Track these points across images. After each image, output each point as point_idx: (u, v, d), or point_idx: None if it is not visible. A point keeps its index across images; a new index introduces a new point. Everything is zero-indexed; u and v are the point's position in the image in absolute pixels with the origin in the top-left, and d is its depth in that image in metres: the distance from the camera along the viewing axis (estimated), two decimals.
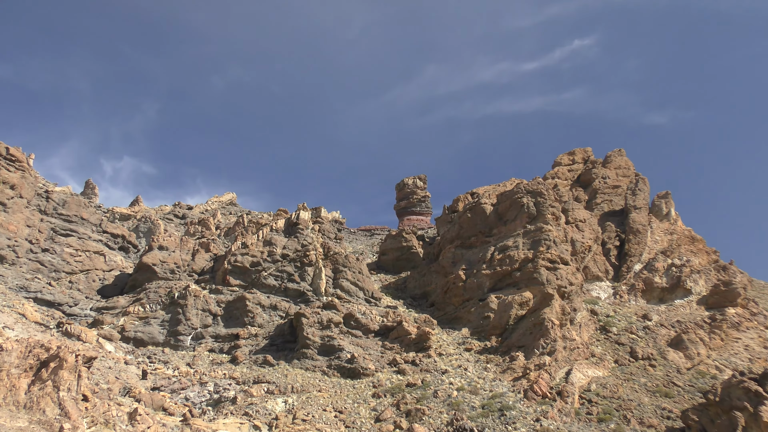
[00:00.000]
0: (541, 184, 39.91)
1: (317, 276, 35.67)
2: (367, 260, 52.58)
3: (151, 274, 36.18)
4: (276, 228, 39.27)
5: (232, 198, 72.29)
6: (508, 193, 40.39)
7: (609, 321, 35.05)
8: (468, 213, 41.58)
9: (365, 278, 37.48)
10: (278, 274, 35.74)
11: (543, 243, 35.90)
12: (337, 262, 37.14)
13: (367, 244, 62.83)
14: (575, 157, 56.66)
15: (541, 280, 33.84)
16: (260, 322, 32.81)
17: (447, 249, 41.10)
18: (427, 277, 42.26)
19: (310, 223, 40.73)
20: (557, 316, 30.51)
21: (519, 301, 32.37)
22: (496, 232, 39.21)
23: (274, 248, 37.04)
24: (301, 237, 38.43)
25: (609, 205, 50.11)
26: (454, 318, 35.90)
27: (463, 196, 52.35)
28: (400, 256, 49.66)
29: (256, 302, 33.55)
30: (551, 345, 28.05)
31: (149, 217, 52.98)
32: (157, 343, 31.07)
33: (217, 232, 50.24)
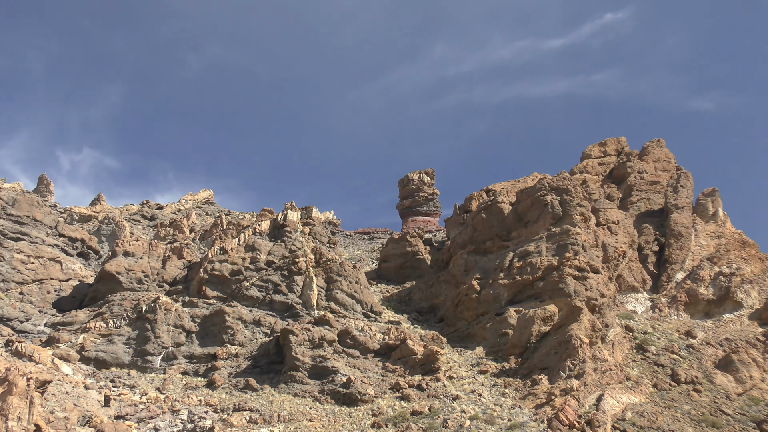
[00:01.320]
0: (567, 179, 39.94)
1: (308, 286, 35.67)
2: (366, 268, 52.57)
3: (114, 285, 36.19)
4: (260, 231, 39.27)
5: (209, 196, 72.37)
6: (530, 191, 40.41)
7: (646, 339, 35.02)
8: (482, 213, 41.63)
9: (363, 289, 37.49)
10: (262, 285, 35.77)
11: (570, 248, 35.93)
12: (330, 270, 37.15)
13: (365, 250, 62.80)
14: (607, 149, 56.67)
15: (568, 291, 33.85)
16: (241, 339, 32.81)
17: (458, 255, 41.14)
18: (435, 287, 42.26)
19: (299, 225, 40.73)
20: (586, 333, 30.52)
21: (542, 316, 32.37)
22: (516, 235, 39.25)
23: (258, 254, 37.06)
24: (288, 241, 38.41)
25: (646, 204, 50.11)
26: (466, 335, 35.90)
27: (477, 193, 52.43)
28: (403, 264, 49.72)
29: (237, 317, 33.58)
30: (579, 367, 28.06)
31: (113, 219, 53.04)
32: (121, 364, 31.09)
33: (192, 235, 50.32)
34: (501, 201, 41.34)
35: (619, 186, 52.48)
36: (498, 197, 42.02)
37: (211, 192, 73.52)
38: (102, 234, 51.28)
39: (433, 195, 76.07)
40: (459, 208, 53.39)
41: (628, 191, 51.23)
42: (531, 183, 51.51)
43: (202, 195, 71.67)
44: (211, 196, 72.92)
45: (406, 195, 76.68)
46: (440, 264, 44.95)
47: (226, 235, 42.95)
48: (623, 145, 57.61)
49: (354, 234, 70.54)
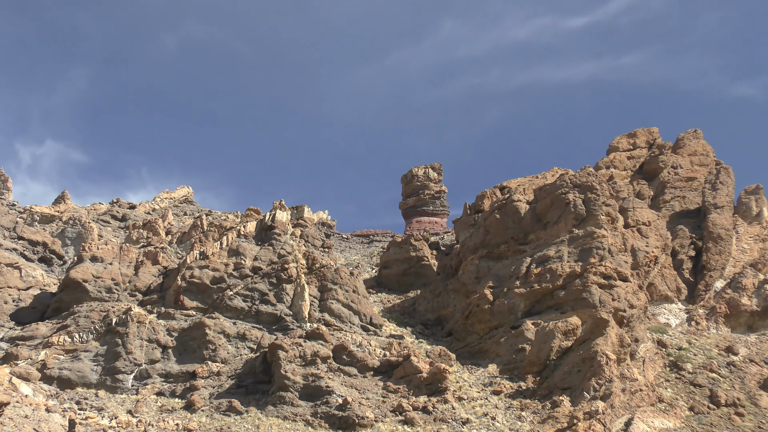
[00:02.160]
0: (592, 175, 39.97)
1: (299, 296, 35.70)
2: (364, 275, 52.61)
3: (81, 294, 36.22)
4: (245, 233, 39.30)
5: (187, 194, 72.45)
6: (549, 188, 40.44)
7: (682, 355, 35.02)
8: (496, 213, 41.68)
9: (362, 299, 37.51)
10: (248, 294, 35.82)
11: (595, 253, 35.96)
12: (324, 277, 37.19)
13: (364, 254, 62.82)
14: (637, 141, 56.69)
15: (593, 301, 33.87)
16: (224, 356, 32.85)
17: (469, 261, 41.18)
18: (442, 297, 42.28)
19: (289, 226, 40.78)
20: (613, 349, 30.52)
21: (563, 329, 32.40)
22: (534, 238, 39.29)
23: (243, 259, 37.09)
24: (277, 245, 38.43)
25: (681, 204, 50.13)
26: (478, 351, 35.92)
27: (490, 191, 52.52)
28: (407, 270, 49.74)
29: (219, 330, 33.63)
30: (606, 387, 28.05)
31: (79, 219, 53.09)
32: (88, 383, 31.11)
33: (168, 238, 50.37)
34: (517, 200, 41.38)
35: (650, 183, 52.47)
36: (513, 195, 42.05)
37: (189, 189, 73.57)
38: (66, 237, 51.33)
39: (440, 193, 76.06)
40: (469, 208, 53.45)
41: (661, 189, 51.24)
42: (551, 179, 51.59)
43: (179, 193, 71.74)
44: (190, 194, 72.98)
45: (410, 193, 76.70)
46: (448, 271, 45.00)
47: (207, 238, 42.96)
48: (655, 136, 57.60)
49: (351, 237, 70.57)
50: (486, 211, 45.15)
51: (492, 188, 53.18)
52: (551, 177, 53.20)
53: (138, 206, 65.00)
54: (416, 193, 76.01)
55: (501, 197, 45.50)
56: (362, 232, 71.80)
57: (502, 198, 43.70)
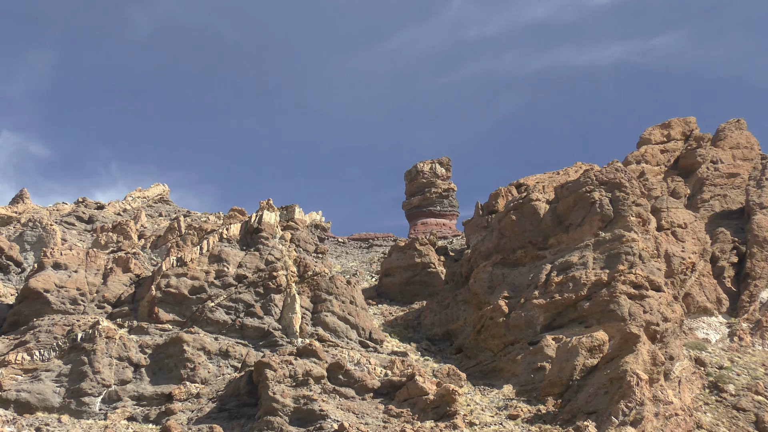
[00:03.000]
0: (620, 171, 40.00)
1: (289, 308, 35.73)
2: (363, 284, 52.58)
3: (42, 305, 36.21)
4: (228, 237, 39.33)
5: (162, 192, 72.52)
6: (572, 185, 40.48)
7: (723, 375, 34.99)
8: (512, 214, 41.70)
9: (360, 311, 37.48)
10: (231, 305, 35.83)
11: (623, 259, 35.95)
12: (318, 286, 37.18)
13: (362, 261, 62.82)
14: (671, 132, 56.73)
15: (621, 313, 33.84)
16: (204, 375, 32.84)
17: (481, 268, 41.19)
18: (451, 309, 42.28)
19: (278, 229, 40.79)
20: (645, 368, 30.44)
21: (588, 345, 32.39)
22: (554, 242, 39.29)
23: (226, 266, 37.12)
24: (264, 250, 38.45)
25: (722, 203, 50.12)
26: (491, 370, 35.92)
27: (506, 189, 52.57)
28: (411, 278, 49.68)
29: (199, 346, 33.64)
30: (636, 411, 27.98)
31: (39, 221, 53.08)
32: (50, 407, 31.09)
33: (141, 242, 50.40)
34: (535, 199, 41.39)
35: (686, 179, 52.52)
36: (531, 194, 42.06)
37: (165, 187, 73.63)
38: (25, 241, 51.32)
39: (448, 191, 76.11)
40: (482, 208, 53.47)
41: (699, 186, 51.27)
42: (574, 176, 51.62)
43: (153, 191, 71.77)
44: (166, 193, 73.02)
45: (415, 191, 76.70)
46: (458, 279, 44.96)
47: (185, 243, 43.00)
48: (692, 127, 57.66)
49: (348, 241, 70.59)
50: (500, 212, 45.09)
51: (507, 186, 53.20)
52: (574, 173, 53.20)
53: (107, 206, 65.04)
54: (421, 191, 76.01)
55: (517, 196, 45.46)
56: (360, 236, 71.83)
57: (519, 197, 43.66)
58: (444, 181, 76.94)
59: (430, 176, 76.55)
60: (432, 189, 75.55)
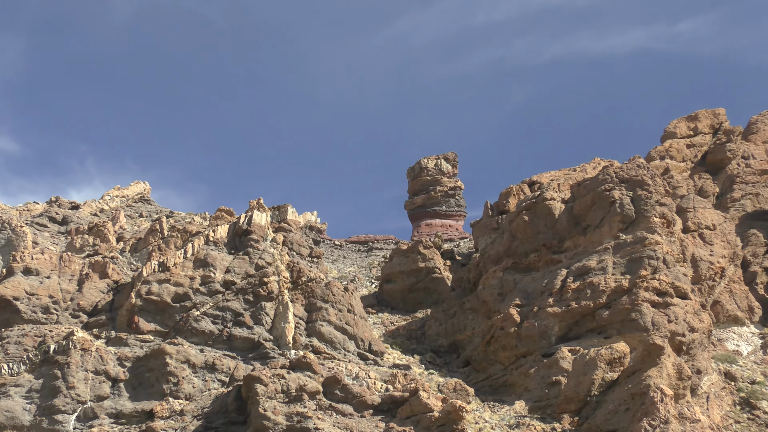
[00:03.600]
0: (642, 167, 39.98)
1: (281, 317, 35.84)
2: (362, 291, 52.57)
3: (11, 315, 36.16)
4: (215, 239, 39.44)
5: (143, 191, 72.32)
6: (590, 183, 40.58)
7: (755, 391, 34.96)
8: (524, 215, 41.73)
9: (358, 320, 37.53)
10: (218, 314, 35.84)
11: (646, 263, 35.96)
12: (313, 294, 37.23)
13: (361, 266, 62.67)
14: (699, 125, 56.69)
15: (644, 323, 33.81)
16: (189, 391, 32.82)
17: (491, 273, 41.24)
18: (458, 318, 42.36)
19: (269, 231, 40.88)
20: (670, 383, 30.43)
21: (607, 358, 32.41)
22: (571, 245, 39.30)
23: (212, 272, 37.21)
24: (254, 254, 38.56)
25: (754, 202, 50.07)
26: (502, 384, 35.91)
27: (517, 187, 52.38)
28: (414, 285, 49.64)
29: (183, 359, 33.63)
30: (661, 429, 27.90)
31: (8, 222, 53.06)
32: (20, 426, 31.00)
33: (120, 245, 50.26)
34: (550, 198, 41.41)
35: (715, 177, 52.39)
36: (546, 193, 42.09)
37: (146, 185, 73.34)
38: None
39: (455, 189, 75.88)
40: (491, 208, 53.26)
41: (729, 184, 51.16)
42: (592, 173, 51.51)
43: (133, 189, 71.51)
44: (147, 191, 72.77)
45: (418, 189, 76.51)
46: (465, 285, 44.89)
47: (168, 246, 42.89)
48: (721, 119, 57.57)
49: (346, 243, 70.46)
50: (512, 212, 44.96)
51: (519, 184, 52.80)
52: (592, 170, 52.96)
53: (82, 206, 64.79)
54: (426, 189, 75.79)
55: (530, 195, 45.32)
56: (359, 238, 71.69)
57: (532, 196, 43.54)
58: (450, 178, 76.71)
59: (434, 173, 76.35)
60: (437, 187, 75.31)
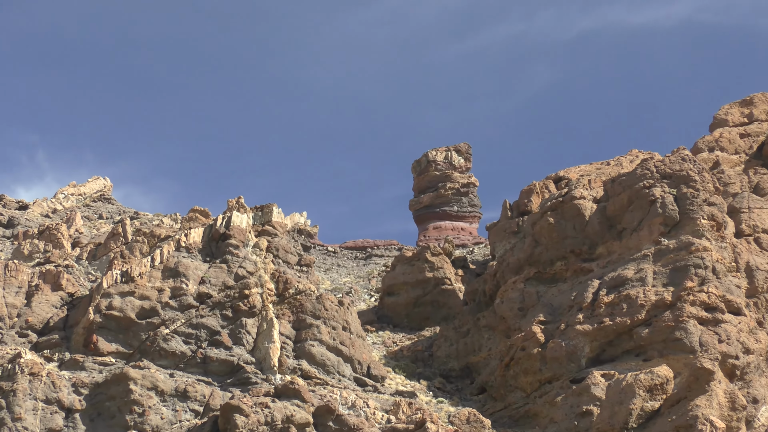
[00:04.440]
0: (688, 161, 39.94)
1: (265, 335, 35.73)
2: (360, 305, 52.56)
3: None
4: (187, 245, 39.37)
5: (103, 188, 72.53)
6: (626, 179, 40.50)
7: None
8: (550, 216, 41.62)
9: (355, 339, 37.47)
10: (191, 333, 35.79)
11: (692, 273, 35.80)
12: (302, 308, 37.17)
13: (358, 276, 62.75)
14: (754, 111, 56.43)
15: (690, 343, 33.64)
16: (157, 422, 32.66)
17: (510, 284, 41.12)
18: (472, 337, 42.28)
19: (251, 235, 40.86)
20: (721, 413, 30.27)
21: (647, 384, 32.23)
22: (604, 251, 39.24)
23: (184, 283, 37.08)
24: (234, 262, 38.50)
25: None
26: (524, 415, 35.80)
27: (541, 184, 52.43)
28: (420, 298, 49.73)
29: (150, 385, 33.48)
30: None
31: None
32: None
33: (76, 252, 50.31)
34: (579, 196, 41.32)
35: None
36: (574, 190, 42.00)
37: (106, 182, 73.59)
38: None
39: (468, 186, 76.04)
40: (511, 208, 53.28)
41: None
42: (629, 167, 51.41)
43: (91, 187, 71.73)
44: (108, 189, 72.97)
45: (425, 187, 76.63)
46: (480, 298, 44.88)
47: (132, 252, 42.89)
48: None
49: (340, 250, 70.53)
50: (535, 213, 45.00)
51: (543, 180, 52.97)
52: (629, 164, 53.04)
53: (32, 206, 64.96)
54: (434, 186, 75.95)
55: (556, 193, 45.31)
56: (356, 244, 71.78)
57: (558, 194, 43.54)
58: (462, 173, 76.87)
59: (444, 168, 76.45)
60: (447, 184, 75.44)
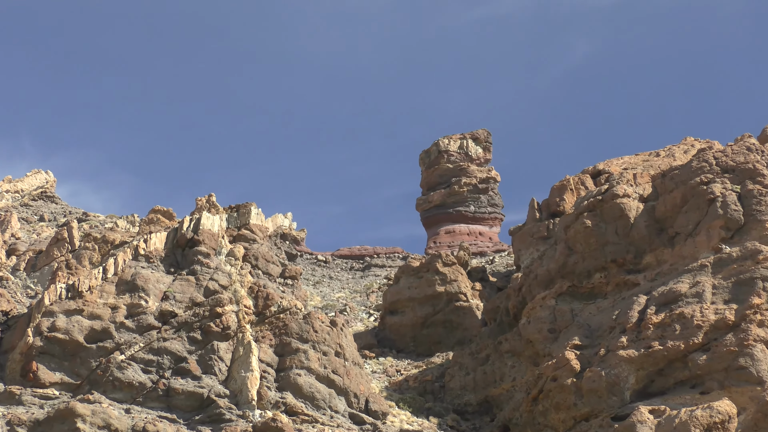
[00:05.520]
0: (755, 151, 40.14)
1: (241, 362, 35.82)
2: (356, 325, 52.71)
3: None
4: (147, 252, 39.52)
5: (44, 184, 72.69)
6: (680, 174, 40.57)
7: None
8: (586, 219, 41.66)
9: (350, 368, 37.58)
10: (152, 359, 35.79)
11: (761, 288, 35.70)
12: (286, 330, 37.32)
13: (354, 290, 62.82)
14: None
15: (757, 372, 33.56)
16: None
17: (539, 300, 41.14)
18: (492, 364, 42.35)
19: (224, 241, 41.07)
20: None
21: (705, 422, 32.01)
22: (652, 261, 39.26)
23: (143, 298, 37.11)
24: (203, 273, 38.63)
25: None
26: None
27: (576, 179, 52.60)
28: (430, 317, 50.05)
29: (101, 423, 33.41)
30: None
31: None
32: None
33: (12, 261, 50.40)
34: (622, 194, 41.38)
35: None
36: (616, 187, 42.06)
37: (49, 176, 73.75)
38: None
39: (488, 182, 76.17)
40: (540, 209, 53.40)
41: None
42: (682, 159, 51.61)
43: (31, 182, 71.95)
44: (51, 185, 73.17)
45: (436, 182, 76.83)
46: (503, 318, 45.09)
47: (80, 262, 42.91)
48: None
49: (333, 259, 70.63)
50: (568, 215, 45.04)
51: (579, 174, 53.20)
52: (682, 155, 53.17)
53: None
54: (446, 182, 76.13)
55: (594, 190, 45.40)
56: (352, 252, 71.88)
57: (597, 191, 43.62)
58: (481, 166, 77.03)
59: (459, 159, 76.62)
60: (462, 179, 75.56)
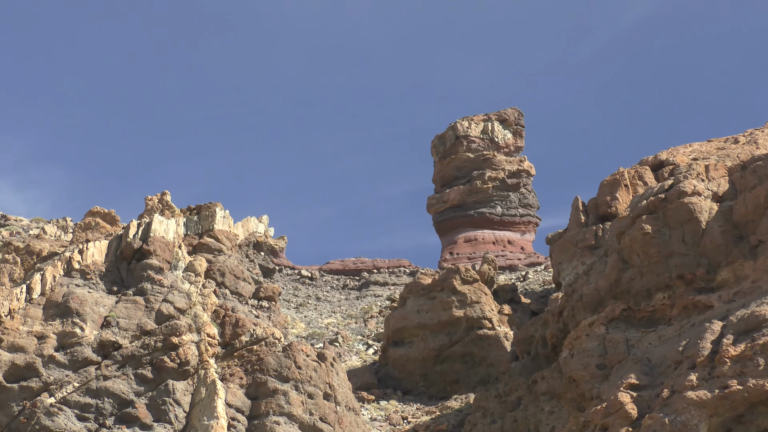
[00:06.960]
0: None
1: (204, 408, 36.05)
2: (350, 359, 52.96)
3: None
4: (83, 266, 39.83)
5: None
6: (764, 165, 40.63)
7: None
8: (644, 223, 41.74)
9: (343, 414, 37.92)
10: (90, 403, 36.16)
11: None
12: (261, 366, 37.62)
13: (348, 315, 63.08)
14: None
15: None
16: None
17: (584, 328, 41.18)
18: (525, 409, 42.53)
19: (182, 252, 41.34)
20: None
21: None
22: (729, 276, 39.31)
23: (78, 326, 37.37)
24: (155, 293, 38.91)
25: None
26: None
27: (632, 172, 52.80)
28: (445, 349, 50.55)
29: None
30: None
31: None
32: None
33: None
34: (691, 191, 41.51)
35: None
36: (683, 183, 42.15)
37: None
38: None
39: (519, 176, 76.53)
40: (586, 210, 53.59)
41: None
42: (767, 146, 51.52)
43: None
44: None
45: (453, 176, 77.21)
46: (539, 350, 45.49)
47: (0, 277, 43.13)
48: None
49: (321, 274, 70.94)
50: (622, 218, 45.10)
51: (635, 166, 53.38)
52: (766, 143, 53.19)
53: None
54: (465, 176, 76.48)
55: (655, 186, 45.47)
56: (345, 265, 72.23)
57: (659, 188, 43.71)
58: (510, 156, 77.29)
59: (482, 147, 76.88)
60: (486, 173, 75.77)
